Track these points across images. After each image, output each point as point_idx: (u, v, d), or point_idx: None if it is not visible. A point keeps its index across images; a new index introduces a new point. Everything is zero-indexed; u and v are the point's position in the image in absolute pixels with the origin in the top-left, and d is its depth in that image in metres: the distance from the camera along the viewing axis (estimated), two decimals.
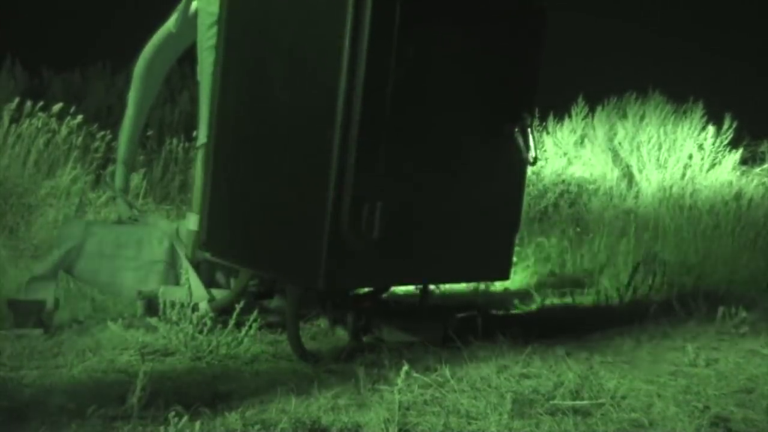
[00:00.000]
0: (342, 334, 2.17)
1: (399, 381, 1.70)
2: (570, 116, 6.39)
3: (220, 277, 2.32)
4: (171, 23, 2.50)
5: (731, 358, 2.30)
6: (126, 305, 2.35)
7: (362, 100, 1.68)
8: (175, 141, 5.19)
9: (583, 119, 6.32)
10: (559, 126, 6.37)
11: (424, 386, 1.71)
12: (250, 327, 1.89)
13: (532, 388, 1.76)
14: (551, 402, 1.65)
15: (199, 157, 2.26)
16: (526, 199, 3.90)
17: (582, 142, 6.18)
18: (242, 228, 1.98)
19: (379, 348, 2.00)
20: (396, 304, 2.79)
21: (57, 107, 4.13)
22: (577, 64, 7.42)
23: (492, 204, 2.14)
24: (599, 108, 6.27)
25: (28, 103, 4.05)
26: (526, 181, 2.37)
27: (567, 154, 6.12)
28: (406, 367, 1.73)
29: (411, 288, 2.83)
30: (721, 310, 2.70)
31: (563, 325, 2.74)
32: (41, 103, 4.13)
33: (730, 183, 5.22)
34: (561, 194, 5.45)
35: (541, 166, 5.83)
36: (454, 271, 2.11)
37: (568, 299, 3.33)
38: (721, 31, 8.43)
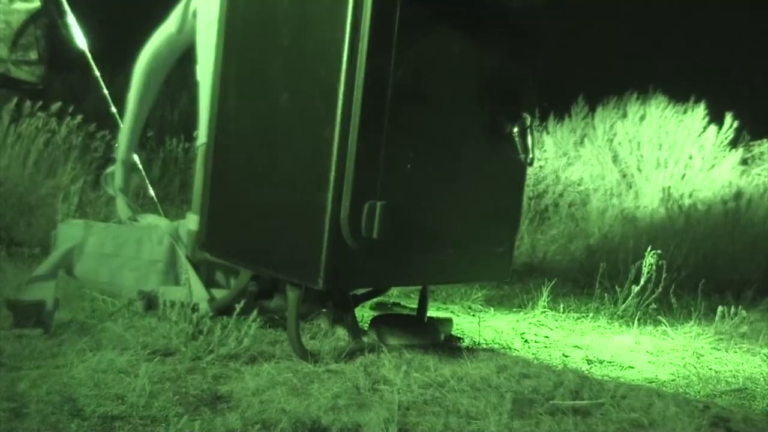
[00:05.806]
0: (342, 334, 2.17)
1: (399, 381, 1.70)
2: (570, 116, 6.39)
3: (220, 277, 2.32)
4: (171, 23, 2.50)
5: (731, 358, 2.30)
6: (126, 305, 2.35)
7: (362, 99, 1.68)
8: (175, 141, 5.20)
9: (583, 119, 6.32)
10: (559, 126, 6.36)
11: (424, 386, 1.71)
12: (250, 327, 1.89)
13: (532, 388, 1.76)
14: (551, 402, 1.65)
15: (199, 157, 2.27)
16: (525, 199, 3.90)
17: (582, 142, 6.18)
18: (242, 228, 1.98)
19: (379, 348, 2.00)
20: (395, 306, 2.79)
21: (57, 107, 4.13)
22: (576, 64, 7.41)
23: (492, 204, 2.15)
24: (599, 108, 6.27)
25: (28, 103, 4.05)
26: (526, 181, 2.37)
27: (567, 154, 6.12)
28: (405, 367, 1.74)
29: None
30: (721, 310, 2.70)
31: (563, 326, 2.74)
32: (41, 103, 4.13)
33: (730, 183, 5.23)
34: (561, 194, 5.45)
35: (541, 166, 5.83)
36: (454, 272, 2.11)
37: (567, 300, 3.33)
38: (722, 30, 8.43)
